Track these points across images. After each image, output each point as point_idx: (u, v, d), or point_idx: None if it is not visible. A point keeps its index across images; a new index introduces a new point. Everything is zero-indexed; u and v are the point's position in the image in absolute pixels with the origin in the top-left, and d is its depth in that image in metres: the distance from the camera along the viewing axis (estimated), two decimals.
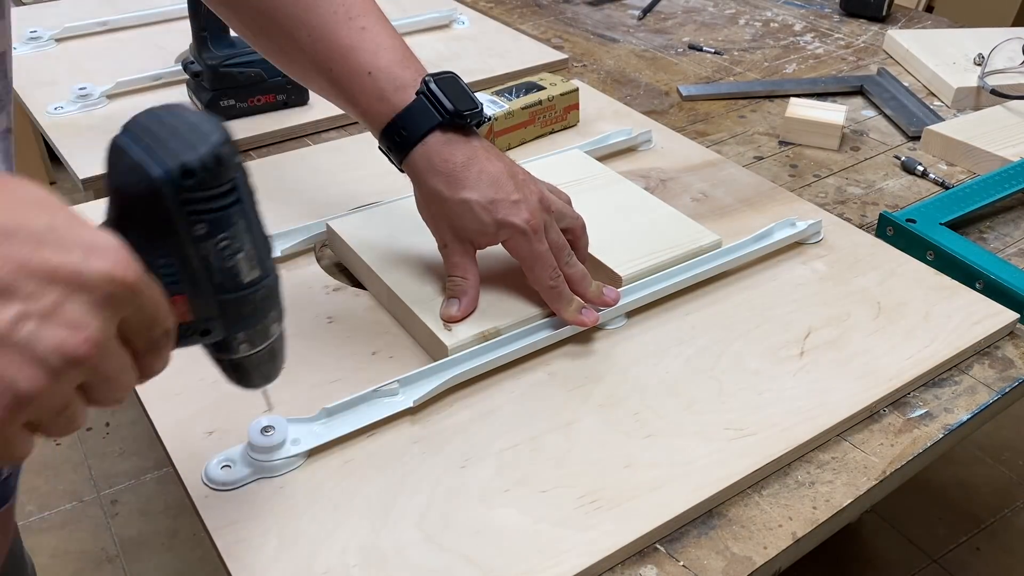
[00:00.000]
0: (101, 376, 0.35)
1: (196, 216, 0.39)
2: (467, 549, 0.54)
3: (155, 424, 0.62)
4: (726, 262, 0.76)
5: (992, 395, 0.68)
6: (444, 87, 0.66)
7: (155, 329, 0.38)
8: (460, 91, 0.66)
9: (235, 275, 0.42)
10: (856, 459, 0.62)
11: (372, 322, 0.71)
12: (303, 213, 0.82)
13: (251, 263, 0.42)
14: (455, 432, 0.62)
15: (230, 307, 0.42)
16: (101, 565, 1.53)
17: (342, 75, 0.66)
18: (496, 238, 0.67)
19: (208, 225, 0.40)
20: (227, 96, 0.97)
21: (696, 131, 1.03)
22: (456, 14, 1.24)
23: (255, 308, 0.43)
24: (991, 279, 0.77)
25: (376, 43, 0.66)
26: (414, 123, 0.65)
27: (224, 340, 0.44)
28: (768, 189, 0.90)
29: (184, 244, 0.40)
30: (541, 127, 0.97)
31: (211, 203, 0.39)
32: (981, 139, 0.98)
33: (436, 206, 0.67)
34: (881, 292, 0.76)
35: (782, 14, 1.37)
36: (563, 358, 0.68)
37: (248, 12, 0.68)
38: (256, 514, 0.56)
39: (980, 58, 1.13)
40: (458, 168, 0.65)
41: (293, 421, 0.60)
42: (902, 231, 0.83)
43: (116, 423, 1.78)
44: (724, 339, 0.70)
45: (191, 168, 0.38)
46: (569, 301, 0.67)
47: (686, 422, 0.63)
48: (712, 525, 0.58)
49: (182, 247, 0.40)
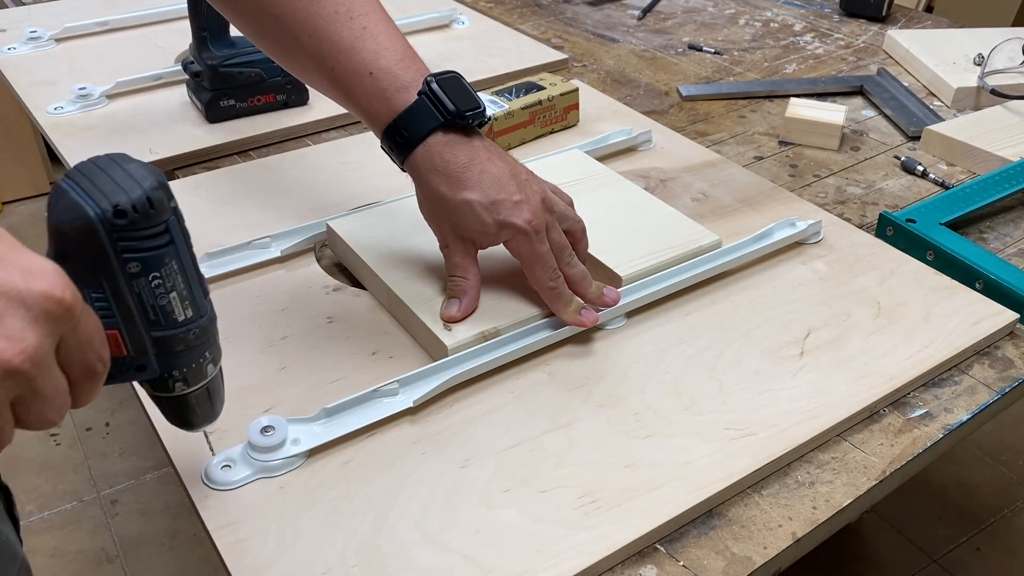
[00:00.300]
0: (35, 392, 0.36)
1: (130, 255, 0.42)
2: (467, 549, 0.54)
3: (155, 424, 0.61)
4: (726, 262, 0.76)
5: (992, 395, 0.68)
6: (446, 87, 0.66)
7: (90, 354, 0.39)
8: (462, 91, 0.66)
9: (168, 313, 0.44)
10: (856, 459, 0.62)
11: (372, 322, 0.71)
12: (303, 213, 0.83)
13: (184, 303, 0.45)
14: (455, 432, 0.62)
15: (163, 344, 0.45)
16: (101, 565, 1.53)
17: (344, 75, 0.66)
18: (497, 238, 0.67)
19: (140, 264, 0.42)
20: (227, 96, 0.97)
21: (696, 131, 1.03)
22: (456, 14, 1.24)
23: (188, 346, 0.46)
24: (991, 279, 0.77)
25: (378, 43, 0.66)
26: (415, 123, 0.65)
27: (160, 378, 0.46)
28: (768, 189, 0.90)
29: (118, 280, 0.42)
30: (541, 127, 0.97)
31: (144, 243, 0.42)
32: (981, 139, 0.98)
33: (438, 206, 0.67)
34: (881, 292, 0.76)
35: (782, 14, 1.37)
36: (563, 358, 0.68)
37: (251, 12, 0.68)
38: (256, 514, 0.56)
39: (980, 58, 1.13)
40: (460, 168, 0.65)
41: (293, 421, 0.60)
42: (902, 231, 0.83)
43: (116, 423, 1.78)
44: (724, 339, 0.70)
45: (123, 209, 0.41)
46: (568, 302, 0.67)
47: (686, 422, 0.63)
48: (712, 525, 0.58)
49: (116, 283, 0.42)
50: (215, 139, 0.95)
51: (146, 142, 0.94)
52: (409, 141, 0.66)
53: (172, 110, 1.00)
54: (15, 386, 0.35)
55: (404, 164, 0.67)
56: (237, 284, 0.75)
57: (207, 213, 0.83)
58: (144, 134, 0.96)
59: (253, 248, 0.76)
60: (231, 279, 0.75)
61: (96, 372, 0.40)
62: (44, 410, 0.37)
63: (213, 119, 0.97)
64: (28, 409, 0.37)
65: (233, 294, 0.73)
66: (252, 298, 0.73)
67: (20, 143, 2.29)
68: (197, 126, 0.97)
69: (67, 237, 0.41)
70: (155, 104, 1.02)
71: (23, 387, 0.36)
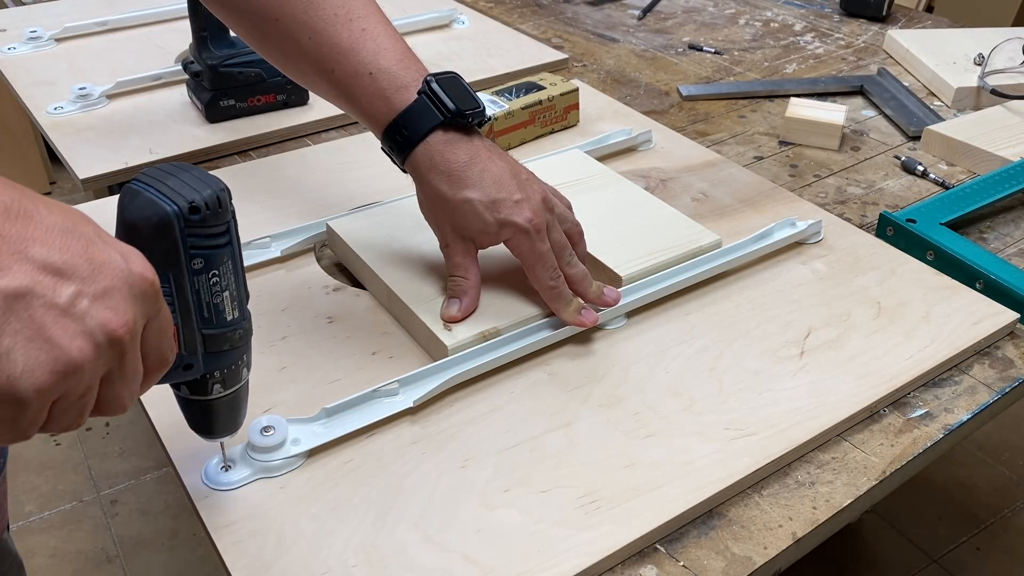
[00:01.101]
0: (122, 370, 0.39)
1: (195, 251, 0.45)
2: (467, 549, 0.54)
3: (155, 424, 0.62)
4: (726, 262, 0.76)
5: (992, 395, 0.68)
6: (446, 87, 0.66)
7: (164, 342, 0.42)
8: (462, 91, 0.67)
9: (220, 311, 0.47)
10: (856, 459, 0.62)
11: (372, 322, 0.71)
12: (303, 213, 0.83)
13: (233, 303, 0.48)
14: (455, 432, 0.62)
15: (212, 342, 0.48)
16: (101, 565, 1.53)
17: (343, 76, 0.66)
18: (498, 237, 0.67)
19: (203, 260, 0.45)
20: (227, 96, 0.97)
21: (696, 131, 1.03)
22: (456, 14, 1.24)
23: (232, 346, 0.49)
24: (991, 279, 0.77)
25: (377, 44, 0.66)
26: (416, 123, 0.66)
27: (201, 379, 0.49)
28: (768, 189, 0.90)
29: (183, 275, 0.45)
30: (541, 127, 0.97)
31: (209, 240, 0.45)
32: (981, 139, 0.98)
33: (438, 206, 0.67)
34: (881, 292, 0.76)
35: (782, 14, 1.37)
36: (563, 358, 0.68)
37: (249, 15, 0.68)
38: (256, 514, 0.56)
39: (980, 58, 1.13)
40: (460, 167, 0.65)
41: (293, 421, 0.60)
42: (902, 231, 0.83)
43: (116, 423, 1.78)
44: (724, 339, 0.70)
45: (197, 205, 0.44)
46: (569, 301, 0.67)
47: (686, 422, 0.63)
48: (712, 525, 0.58)
49: (181, 278, 0.45)
50: (215, 139, 0.95)
51: (146, 142, 0.94)
52: (409, 140, 0.66)
53: (172, 110, 1.00)
54: (113, 357, 0.38)
55: (404, 164, 0.67)
56: None
57: None
58: (144, 134, 0.96)
59: (253, 248, 0.76)
60: None
61: (166, 361, 0.42)
62: (123, 392, 0.40)
63: (213, 119, 0.97)
64: (111, 388, 0.39)
65: None
66: (252, 298, 0.73)
67: (20, 143, 2.29)
68: (197, 126, 0.97)
69: (141, 233, 0.44)
70: (155, 104, 1.02)
71: (117, 360, 0.38)
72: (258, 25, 0.68)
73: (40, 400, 0.36)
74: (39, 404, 0.36)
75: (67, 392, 0.37)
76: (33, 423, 0.36)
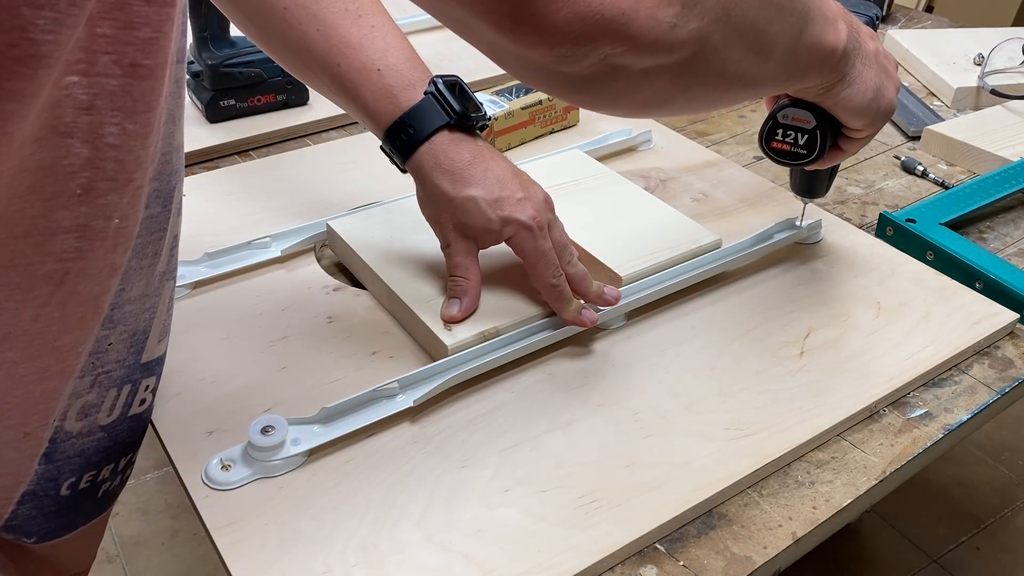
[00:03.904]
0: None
1: None
2: (467, 549, 0.54)
3: (155, 424, 0.62)
4: (726, 262, 0.76)
5: (992, 395, 0.68)
6: (451, 89, 0.67)
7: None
8: (465, 94, 0.68)
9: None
10: (856, 459, 0.62)
11: (372, 322, 0.71)
12: (303, 213, 0.83)
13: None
14: (455, 432, 0.62)
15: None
16: (101, 565, 1.53)
17: (350, 70, 0.66)
18: (501, 236, 0.67)
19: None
20: (227, 96, 0.97)
21: (696, 131, 1.03)
22: None
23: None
24: (991, 279, 0.77)
25: (385, 41, 0.67)
26: (422, 121, 0.66)
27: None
28: (768, 189, 0.90)
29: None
30: (541, 127, 0.97)
31: None
32: (981, 139, 0.98)
33: (441, 204, 0.67)
34: (881, 292, 0.76)
35: None
36: (563, 358, 0.68)
37: (256, 4, 0.68)
38: (256, 514, 0.56)
39: (980, 58, 1.13)
40: (464, 166, 0.65)
41: (293, 421, 0.60)
42: (902, 231, 0.83)
43: None
44: (724, 339, 0.70)
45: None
46: (569, 301, 0.67)
47: (686, 422, 0.63)
48: (712, 525, 0.58)
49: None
50: (215, 139, 0.95)
51: None
52: (414, 139, 0.66)
53: None
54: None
55: (406, 163, 0.68)
56: (237, 284, 0.75)
57: (207, 213, 0.83)
58: None
59: (253, 248, 0.76)
60: (231, 279, 0.75)
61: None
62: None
63: (213, 119, 0.97)
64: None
65: (233, 294, 0.73)
66: (252, 298, 0.73)
67: None
68: (197, 126, 0.97)
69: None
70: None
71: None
72: (263, 13, 0.68)
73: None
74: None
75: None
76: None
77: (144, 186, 0.43)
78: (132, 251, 0.45)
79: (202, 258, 0.74)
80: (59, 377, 0.45)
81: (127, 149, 0.40)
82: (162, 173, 0.45)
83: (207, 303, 0.72)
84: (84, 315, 0.44)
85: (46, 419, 0.46)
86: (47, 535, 0.52)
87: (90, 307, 0.44)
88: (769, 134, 0.69)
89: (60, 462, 0.49)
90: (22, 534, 0.50)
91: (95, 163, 0.39)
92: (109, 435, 0.51)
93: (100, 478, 0.52)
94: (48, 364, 0.44)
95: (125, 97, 0.39)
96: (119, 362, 0.48)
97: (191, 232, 0.79)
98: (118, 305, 0.46)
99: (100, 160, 0.39)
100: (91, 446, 0.50)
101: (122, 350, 0.48)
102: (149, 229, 0.46)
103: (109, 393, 0.49)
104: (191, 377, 0.64)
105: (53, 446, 0.48)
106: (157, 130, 0.42)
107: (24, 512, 0.49)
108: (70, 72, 0.36)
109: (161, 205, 0.46)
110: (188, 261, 0.74)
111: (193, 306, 0.72)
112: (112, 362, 0.48)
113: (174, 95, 0.44)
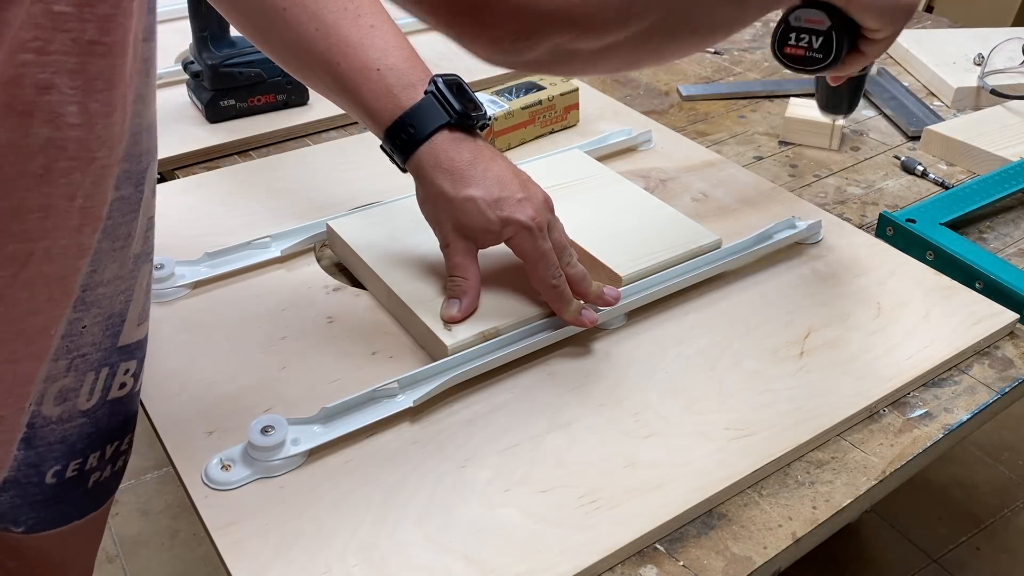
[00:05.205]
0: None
1: None
2: (467, 549, 0.54)
3: (155, 424, 0.62)
4: (726, 262, 0.76)
5: (992, 395, 0.68)
6: (451, 88, 0.66)
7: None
8: (466, 94, 0.67)
9: None
10: (856, 459, 0.62)
11: (372, 322, 0.71)
12: (303, 213, 0.83)
13: None
14: (455, 432, 0.62)
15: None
16: (101, 565, 1.53)
17: (349, 70, 0.66)
18: (500, 236, 0.67)
19: None
20: (227, 96, 0.97)
21: (696, 131, 1.03)
22: None
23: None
24: (991, 279, 0.77)
25: (385, 41, 0.67)
26: (423, 120, 0.66)
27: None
28: (768, 189, 0.90)
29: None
30: (541, 127, 0.97)
31: None
32: (981, 139, 0.98)
33: (440, 204, 0.67)
34: (881, 292, 0.76)
35: None
36: (563, 358, 0.68)
37: (254, 6, 0.68)
38: (256, 514, 0.56)
39: (980, 58, 1.13)
40: (464, 166, 0.65)
41: (293, 421, 0.60)
42: (902, 231, 0.83)
43: None
44: (724, 339, 0.70)
45: None
46: (569, 301, 0.67)
47: (686, 422, 0.63)
48: (712, 525, 0.58)
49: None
50: (215, 139, 0.95)
51: None
52: (414, 138, 0.66)
53: (172, 110, 1.00)
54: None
55: (406, 162, 0.67)
56: (237, 284, 0.75)
57: (207, 213, 0.83)
58: None
59: (253, 248, 0.76)
60: (231, 279, 0.75)
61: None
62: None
63: (213, 119, 0.97)
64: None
65: (233, 294, 0.73)
66: (252, 298, 0.73)
67: None
68: (197, 126, 0.97)
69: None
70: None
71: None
72: (263, 14, 0.68)
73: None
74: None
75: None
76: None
77: (111, 166, 0.43)
78: (103, 232, 0.44)
79: (202, 258, 0.74)
80: (30, 359, 0.45)
81: (89, 128, 0.40)
82: (132, 154, 0.44)
83: (207, 303, 0.72)
84: (52, 296, 0.44)
85: (21, 403, 0.46)
86: (37, 526, 0.51)
87: (58, 288, 0.44)
88: (782, 39, 0.64)
89: (42, 448, 0.48)
90: (8, 522, 0.50)
91: (56, 142, 0.39)
92: (91, 420, 0.50)
93: (88, 467, 0.52)
94: (16, 347, 0.44)
95: (84, 75, 0.38)
96: (95, 345, 0.48)
97: (191, 232, 0.79)
98: (90, 287, 0.45)
99: (61, 140, 0.39)
100: (73, 432, 0.49)
101: (97, 333, 0.47)
102: (121, 210, 0.45)
103: (87, 377, 0.48)
104: (191, 377, 0.64)
105: (32, 431, 0.47)
106: (123, 109, 0.42)
107: (7, 500, 0.49)
108: (24, 50, 0.36)
109: (133, 186, 0.46)
110: (188, 261, 0.74)
111: (193, 306, 0.72)
112: (88, 345, 0.47)
113: (142, 74, 0.43)
